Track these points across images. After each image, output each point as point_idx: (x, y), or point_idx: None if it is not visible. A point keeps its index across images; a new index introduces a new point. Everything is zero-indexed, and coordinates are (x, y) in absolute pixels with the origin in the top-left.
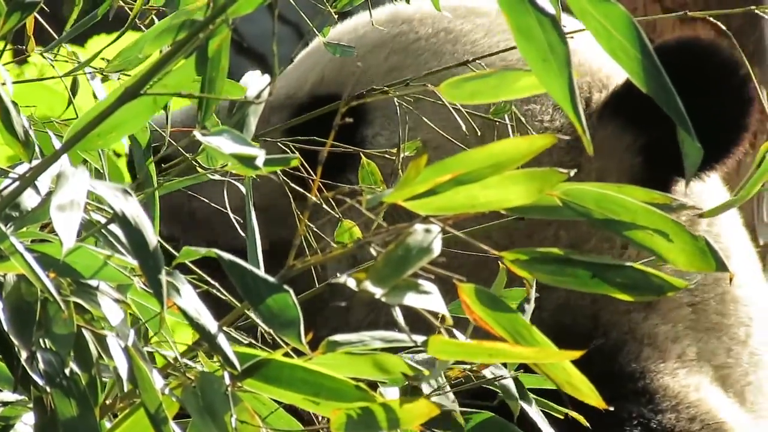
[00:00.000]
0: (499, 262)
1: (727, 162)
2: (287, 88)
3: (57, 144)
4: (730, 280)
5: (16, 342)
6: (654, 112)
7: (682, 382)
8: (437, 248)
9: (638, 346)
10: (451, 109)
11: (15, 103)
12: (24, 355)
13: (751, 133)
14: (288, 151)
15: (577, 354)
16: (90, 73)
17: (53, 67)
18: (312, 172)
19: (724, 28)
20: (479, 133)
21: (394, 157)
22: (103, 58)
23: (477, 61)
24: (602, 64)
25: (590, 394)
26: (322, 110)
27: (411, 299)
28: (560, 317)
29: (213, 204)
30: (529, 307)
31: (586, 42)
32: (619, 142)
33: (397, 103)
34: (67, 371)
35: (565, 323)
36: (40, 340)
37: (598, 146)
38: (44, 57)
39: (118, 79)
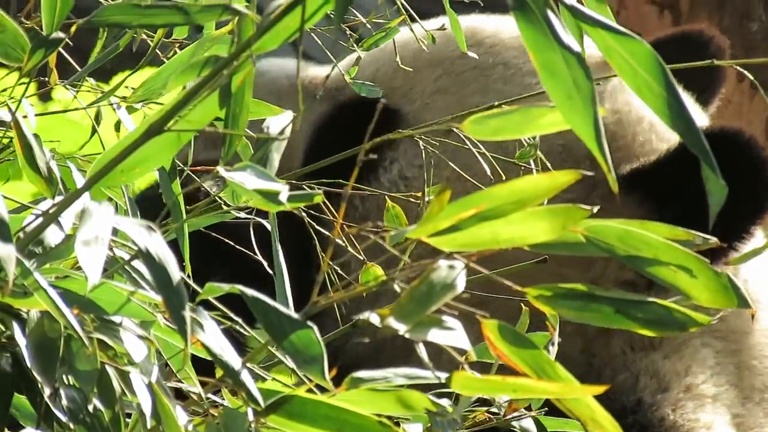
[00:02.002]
0: (521, 303)
1: (727, 256)
2: (339, 78)
3: (79, 179)
4: (752, 317)
5: (39, 378)
6: (673, 193)
7: (689, 416)
8: (461, 284)
9: (633, 378)
10: (476, 153)
11: (38, 137)
12: (47, 391)
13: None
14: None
15: (601, 389)
16: (115, 103)
17: (77, 98)
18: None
19: (745, 72)
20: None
21: (419, 201)
22: (127, 87)
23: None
24: (641, 135)
25: (614, 431)
26: (344, 154)
27: (435, 335)
28: None
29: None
30: (554, 349)
31: (632, 107)
32: (632, 214)
33: (422, 146)
34: (90, 408)
35: None
36: (64, 377)
37: (608, 213)
38: (68, 89)
39: (143, 107)
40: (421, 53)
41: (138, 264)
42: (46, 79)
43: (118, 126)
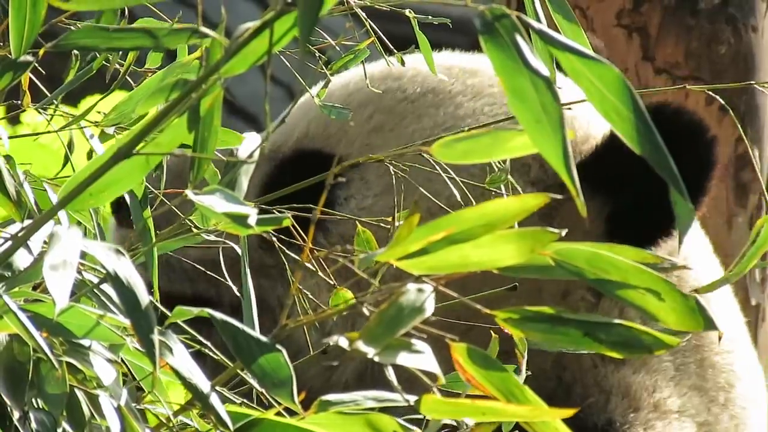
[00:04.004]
0: (491, 331)
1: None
2: (273, 140)
3: (54, 201)
4: (719, 338)
5: (8, 401)
6: (620, 180)
7: None
8: (430, 308)
9: (604, 396)
10: (444, 176)
11: (11, 158)
12: (16, 414)
13: (709, 196)
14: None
15: (570, 412)
16: (85, 127)
17: (48, 122)
18: (294, 232)
19: (714, 95)
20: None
21: (388, 225)
22: (99, 112)
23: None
24: (591, 133)
25: None
26: (306, 182)
27: (403, 359)
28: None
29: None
30: (521, 376)
31: (581, 107)
32: (588, 211)
33: (392, 171)
34: (59, 431)
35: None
36: (33, 400)
37: (566, 215)
38: (39, 112)
39: (114, 132)
40: (351, 95)
41: (107, 287)
42: (19, 102)
43: (90, 154)
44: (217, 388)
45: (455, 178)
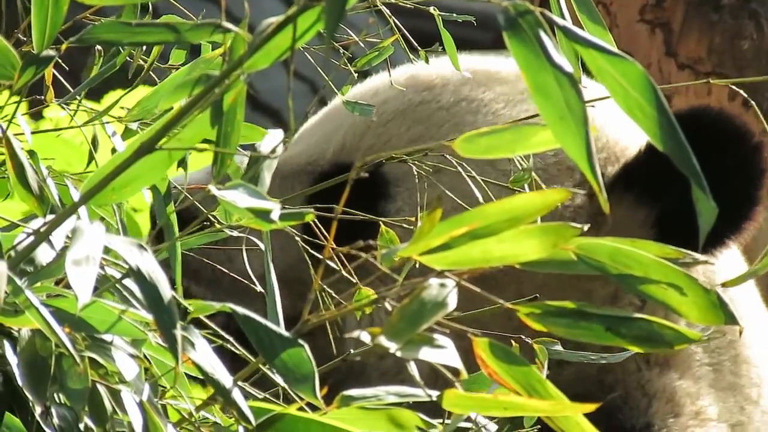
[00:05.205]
0: (512, 340)
1: (740, 237)
2: (308, 153)
3: (77, 197)
4: (740, 333)
5: (30, 397)
6: (665, 183)
7: None
8: (452, 303)
9: (647, 400)
10: (469, 180)
11: (34, 153)
12: (38, 410)
13: (764, 206)
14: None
15: (591, 407)
16: (107, 123)
17: (72, 117)
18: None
19: (737, 89)
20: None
21: (413, 227)
22: (122, 107)
23: None
24: (620, 137)
25: None
26: (339, 178)
27: (426, 354)
28: (572, 390)
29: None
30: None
31: (608, 113)
32: (634, 216)
33: (416, 172)
34: (81, 426)
35: (577, 393)
36: (55, 395)
37: (614, 221)
38: (62, 107)
39: (138, 129)
40: (384, 105)
41: (129, 282)
42: (42, 97)
43: (114, 151)
44: (240, 383)
45: (482, 181)
